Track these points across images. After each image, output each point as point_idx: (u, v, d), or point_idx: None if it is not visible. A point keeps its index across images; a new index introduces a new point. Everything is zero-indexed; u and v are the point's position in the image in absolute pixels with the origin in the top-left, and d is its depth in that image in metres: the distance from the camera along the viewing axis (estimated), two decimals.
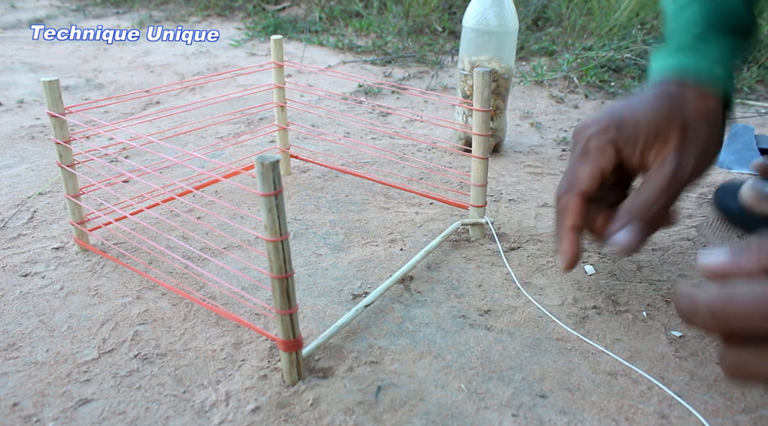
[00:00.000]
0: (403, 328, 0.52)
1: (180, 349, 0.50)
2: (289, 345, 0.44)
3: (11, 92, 1.25)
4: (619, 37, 1.54)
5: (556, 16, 1.75)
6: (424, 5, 1.80)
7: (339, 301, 0.56)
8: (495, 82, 0.88)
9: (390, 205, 0.76)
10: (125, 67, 1.48)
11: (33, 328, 0.53)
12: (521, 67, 1.44)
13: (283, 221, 0.40)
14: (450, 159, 0.91)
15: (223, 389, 0.45)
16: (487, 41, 0.86)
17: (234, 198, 0.77)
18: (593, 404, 0.44)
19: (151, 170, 0.63)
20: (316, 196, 0.78)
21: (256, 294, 0.57)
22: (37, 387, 0.46)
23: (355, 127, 1.04)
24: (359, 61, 1.51)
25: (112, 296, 0.57)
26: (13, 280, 0.60)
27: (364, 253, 0.64)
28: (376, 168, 0.86)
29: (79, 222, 0.63)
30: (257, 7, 2.15)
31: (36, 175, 0.84)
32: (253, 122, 1.05)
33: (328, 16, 1.97)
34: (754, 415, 0.43)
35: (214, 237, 0.67)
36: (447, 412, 0.43)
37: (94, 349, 0.50)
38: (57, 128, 0.58)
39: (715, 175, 0.85)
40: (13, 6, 2.36)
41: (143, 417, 0.43)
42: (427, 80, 1.36)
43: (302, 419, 0.43)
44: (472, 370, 0.47)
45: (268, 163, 0.38)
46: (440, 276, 0.60)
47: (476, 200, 0.66)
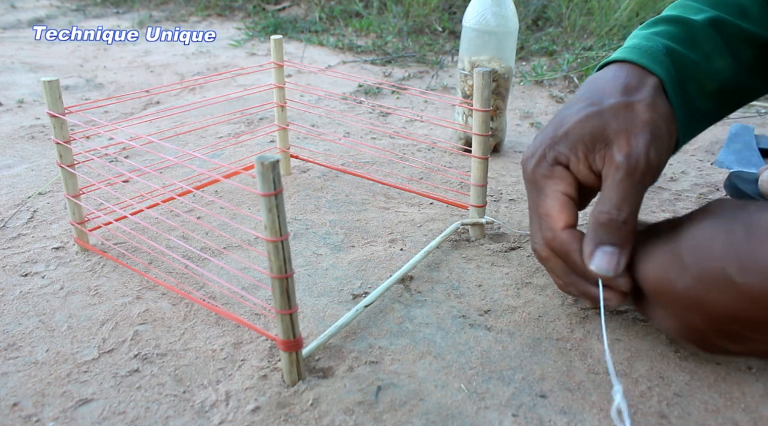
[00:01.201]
0: (403, 328, 0.52)
1: (180, 349, 0.50)
2: (289, 345, 0.44)
3: (11, 92, 1.25)
4: (619, 37, 1.54)
5: (556, 16, 1.75)
6: (424, 5, 1.80)
7: (339, 301, 0.56)
8: (495, 82, 0.88)
9: (390, 205, 0.76)
10: (125, 67, 1.48)
11: (33, 328, 0.53)
12: (521, 67, 1.44)
13: (283, 221, 0.40)
14: (450, 159, 0.91)
15: (223, 389, 0.45)
16: (487, 41, 0.86)
17: (234, 198, 0.77)
18: (593, 404, 0.44)
19: (151, 170, 0.63)
20: (316, 196, 0.78)
21: (256, 294, 0.57)
22: (37, 387, 0.46)
23: (355, 127, 1.04)
24: (359, 61, 1.51)
25: (112, 296, 0.57)
26: (13, 280, 0.60)
27: (364, 253, 0.64)
28: (376, 168, 0.86)
29: (79, 222, 0.63)
30: (257, 7, 2.15)
31: (36, 175, 0.84)
32: (253, 122, 1.05)
33: (328, 16, 1.97)
34: (754, 415, 0.43)
35: (214, 237, 0.67)
36: (447, 412, 0.43)
37: (94, 349, 0.50)
38: (57, 128, 0.58)
39: (715, 174, 0.85)
40: (13, 6, 2.36)
41: (143, 417, 0.43)
42: (427, 80, 1.36)
43: (302, 419, 0.43)
44: (472, 370, 0.47)
45: (268, 163, 0.38)
46: (440, 276, 0.60)
47: (476, 200, 0.66)
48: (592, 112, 0.45)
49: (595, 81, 0.48)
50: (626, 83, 0.46)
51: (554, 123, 0.47)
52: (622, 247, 0.43)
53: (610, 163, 0.44)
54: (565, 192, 0.46)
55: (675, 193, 0.79)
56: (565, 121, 0.46)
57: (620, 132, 0.44)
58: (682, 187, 0.81)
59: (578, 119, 0.45)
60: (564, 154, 0.46)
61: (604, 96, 0.46)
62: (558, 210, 0.46)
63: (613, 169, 0.43)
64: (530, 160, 0.47)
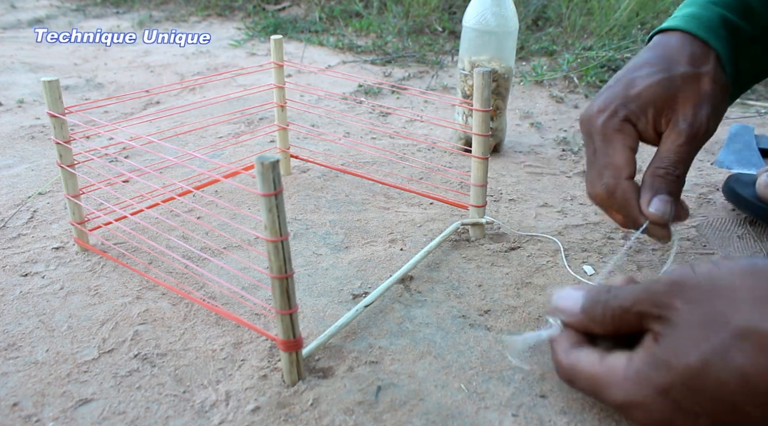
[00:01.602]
0: (403, 328, 0.52)
1: (180, 349, 0.50)
2: (289, 345, 0.44)
3: (11, 92, 1.25)
4: (619, 37, 1.54)
5: (556, 16, 1.75)
6: (424, 5, 1.80)
7: (339, 301, 0.56)
8: (495, 82, 0.88)
9: (390, 205, 0.76)
10: (125, 67, 1.48)
11: (33, 328, 0.53)
12: (521, 67, 1.44)
13: (283, 221, 0.40)
14: (450, 159, 0.91)
15: (223, 389, 0.45)
16: (487, 41, 0.86)
17: (234, 198, 0.77)
18: (594, 404, 0.44)
19: (151, 170, 0.63)
20: (316, 196, 0.78)
21: (256, 294, 0.57)
22: (37, 387, 0.46)
23: (355, 127, 1.04)
24: (359, 61, 1.51)
25: (112, 296, 0.57)
26: (13, 280, 0.60)
27: (364, 253, 0.64)
28: (376, 168, 0.86)
29: (79, 222, 0.63)
30: (257, 7, 2.15)
31: (36, 175, 0.84)
32: (253, 122, 1.05)
33: (328, 16, 1.97)
34: None
35: (214, 237, 0.67)
36: (447, 412, 0.43)
37: (94, 349, 0.50)
38: (57, 128, 0.58)
39: (715, 174, 0.85)
40: (13, 6, 2.36)
41: (143, 417, 0.43)
42: (427, 80, 1.36)
43: (302, 419, 0.43)
44: (472, 370, 0.47)
45: (268, 163, 0.38)
46: (440, 276, 0.60)
47: (476, 200, 0.66)
48: (664, 78, 0.50)
49: (661, 46, 0.52)
50: (692, 53, 0.50)
51: (623, 82, 0.52)
52: (674, 196, 0.49)
53: (673, 127, 0.49)
54: (631, 147, 0.51)
55: None
56: (636, 82, 0.51)
57: (687, 100, 0.49)
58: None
59: (650, 83, 0.50)
60: (635, 113, 0.50)
61: (672, 63, 0.50)
62: (624, 161, 0.51)
63: (675, 133, 0.49)
64: (601, 114, 0.52)
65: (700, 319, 0.34)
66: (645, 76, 0.50)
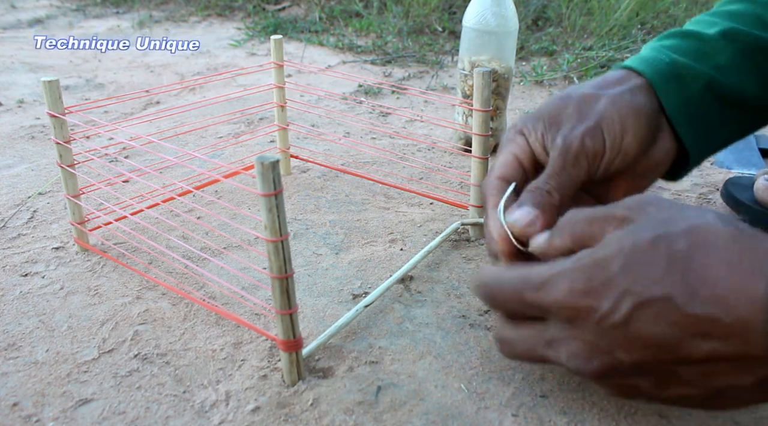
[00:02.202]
0: (403, 328, 0.52)
1: (180, 349, 0.50)
2: (289, 345, 0.44)
3: (11, 92, 1.26)
4: (619, 37, 1.54)
5: (556, 16, 1.75)
6: (424, 5, 1.80)
7: (339, 301, 0.56)
8: (495, 82, 0.88)
9: (390, 205, 0.76)
10: (125, 67, 1.48)
11: (33, 328, 0.53)
12: (521, 67, 1.44)
13: (283, 221, 0.40)
14: (450, 159, 0.91)
15: (223, 389, 0.45)
16: (487, 41, 0.86)
17: (234, 198, 0.77)
18: (594, 404, 0.44)
19: (151, 170, 0.63)
20: (316, 196, 0.78)
21: (256, 294, 0.57)
22: (37, 387, 0.46)
23: (355, 127, 1.04)
24: (359, 61, 1.51)
25: (112, 296, 0.57)
26: (13, 280, 0.60)
27: (364, 253, 0.64)
28: (376, 168, 0.86)
29: (79, 222, 0.63)
30: (257, 7, 2.15)
31: (36, 175, 0.84)
32: (253, 122, 1.05)
33: (328, 16, 1.97)
34: (754, 416, 0.43)
35: (214, 237, 0.67)
36: (447, 412, 0.43)
37: (94, 349, 0.50)
38: (57, 128, 0.58)
39: (715, 174, 0.85)
40: (13, 6, 2.36)
41: (143, 417, 0.43)
42: (427, 80, 1.36)
43: (302, 419, 0.43)
44: (472, 370, 0.47)
45: (268, 163, 0.38)
46: (440, 276, 0.60)
47: (476, 200, 0.66)
48: (561, 97, 0.49)
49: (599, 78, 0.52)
50: (605, 79, 0.50)
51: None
52: (540, 210, 0.44)
53: (552, 143, 0.47)
54: (514, 153, 0.49)
55: (675, 192, 0.79)
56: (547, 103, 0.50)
57: (570, 118, 0.47)
58: (682, 187, 0.81)
59: (548, 102, 0.50)
60: (527, 127, 0.49)
61: (580, 88, 0.50)
62: (502, 163, 0.49)
63: (552, 149, 0.47)
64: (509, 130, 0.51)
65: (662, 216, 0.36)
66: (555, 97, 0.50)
